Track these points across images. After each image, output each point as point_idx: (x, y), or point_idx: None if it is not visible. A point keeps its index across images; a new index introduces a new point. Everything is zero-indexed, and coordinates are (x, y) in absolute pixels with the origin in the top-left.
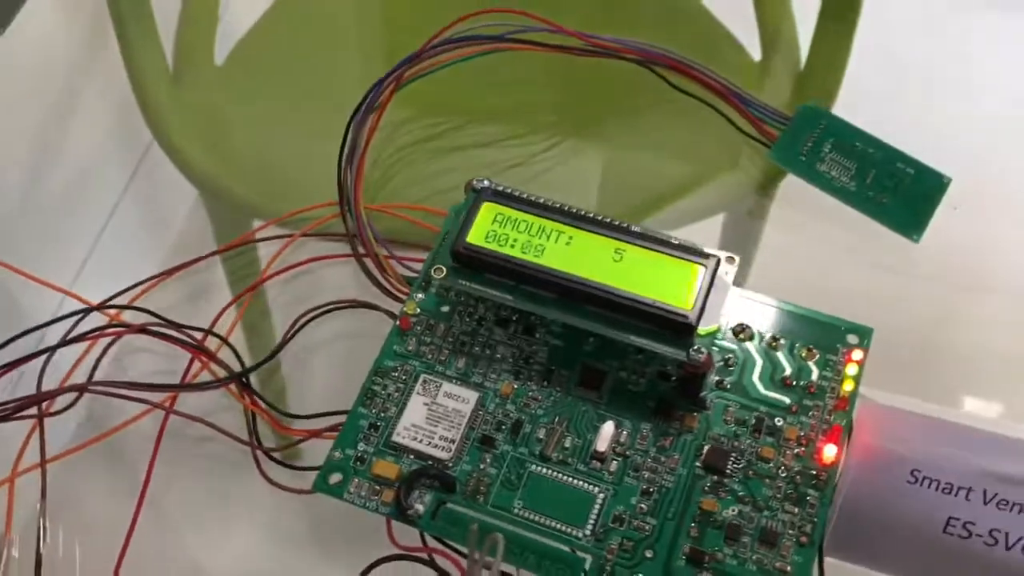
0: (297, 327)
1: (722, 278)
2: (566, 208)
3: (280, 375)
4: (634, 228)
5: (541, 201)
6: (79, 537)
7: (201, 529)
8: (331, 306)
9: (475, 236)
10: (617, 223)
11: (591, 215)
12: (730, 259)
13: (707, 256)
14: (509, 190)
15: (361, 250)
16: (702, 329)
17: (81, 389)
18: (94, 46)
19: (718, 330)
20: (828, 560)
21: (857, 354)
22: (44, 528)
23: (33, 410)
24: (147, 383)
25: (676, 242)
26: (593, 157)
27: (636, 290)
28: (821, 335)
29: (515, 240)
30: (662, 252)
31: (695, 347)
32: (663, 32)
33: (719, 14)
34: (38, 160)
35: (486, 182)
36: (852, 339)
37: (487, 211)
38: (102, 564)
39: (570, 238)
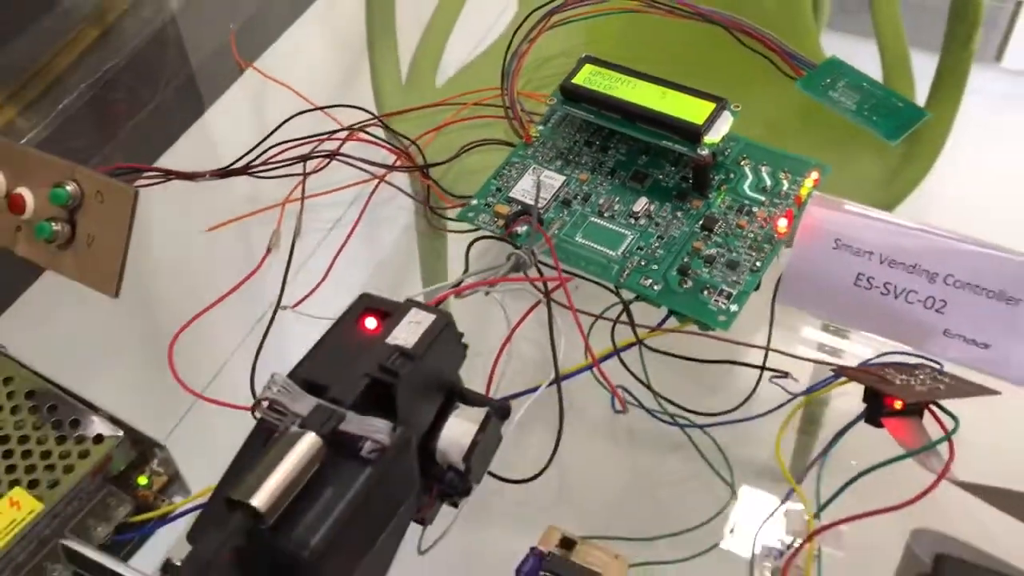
0: (470, 147)
1: (726, 114)
2: (634, 70)
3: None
4: (673, 81)
5: (619, 65)
6: None
7: None
8: (491, 140)
9: (577, 80)
10: (665, 79)
11: (650, 74)
12: (736, 105)
13: (719, 100)
14: (602, 59)
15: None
16: (707, 139)
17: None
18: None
19: (719, 143)
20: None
21: (814, 175)
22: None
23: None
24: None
25: (699, 91)
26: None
27: (670, 112)
28: (795, 165)
29: (600, 84)
30: (689, 94)
31: (702, 148)
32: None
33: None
34: None
35: (590, 55)
36: (815, 171)
37: (586, 69)
38: None
39: (634, 85)
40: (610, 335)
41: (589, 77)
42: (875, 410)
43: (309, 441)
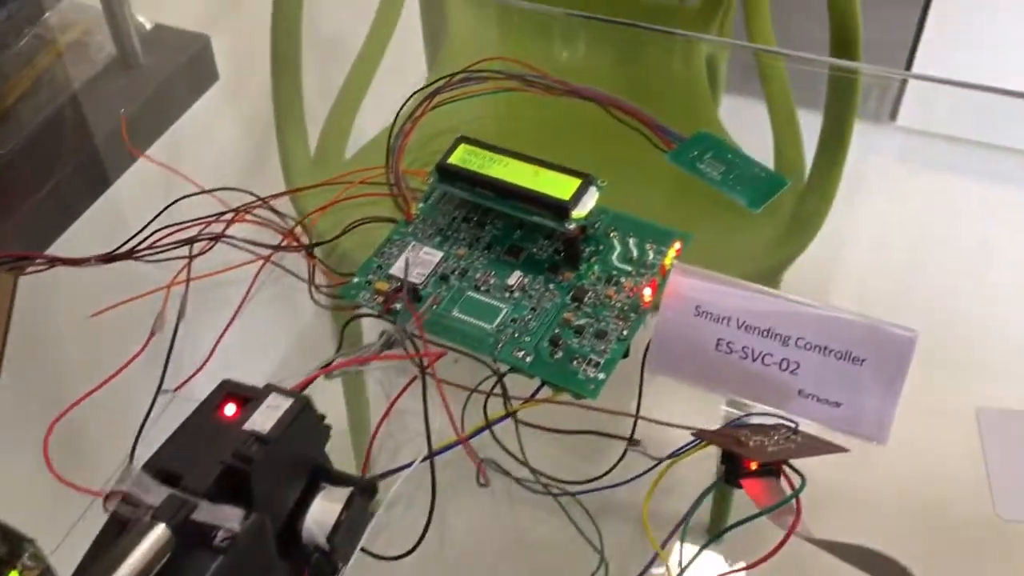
0: (353, 226)
1: (593, 189)
2: (509, 150)
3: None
4: (543, 160)
5: (492, 144)
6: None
7: None
8: (376, 218)
9: (452, 160)
10: (536, 158)
11: (522, 153)
12: (601, 181)
13: (586, 176)
14: (476, 139)
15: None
16: (574, 213)
17: (217, 238)
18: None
19: (587, 216)
20: (659, 380)
21: (677, 245)
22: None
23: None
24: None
25: (568, 168)
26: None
27: (540, 189)
28: (660, 235)
29: (473, 163)
30: (558, 171)
31: (569, 222)
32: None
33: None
34: None
35: (465, 134)
36: (679, 240)
37: (461, 149)
38: None
39: (506, 163)
40: (483, 408)
41: (464, 156)
42: (733, 471)
43: (157, 533)
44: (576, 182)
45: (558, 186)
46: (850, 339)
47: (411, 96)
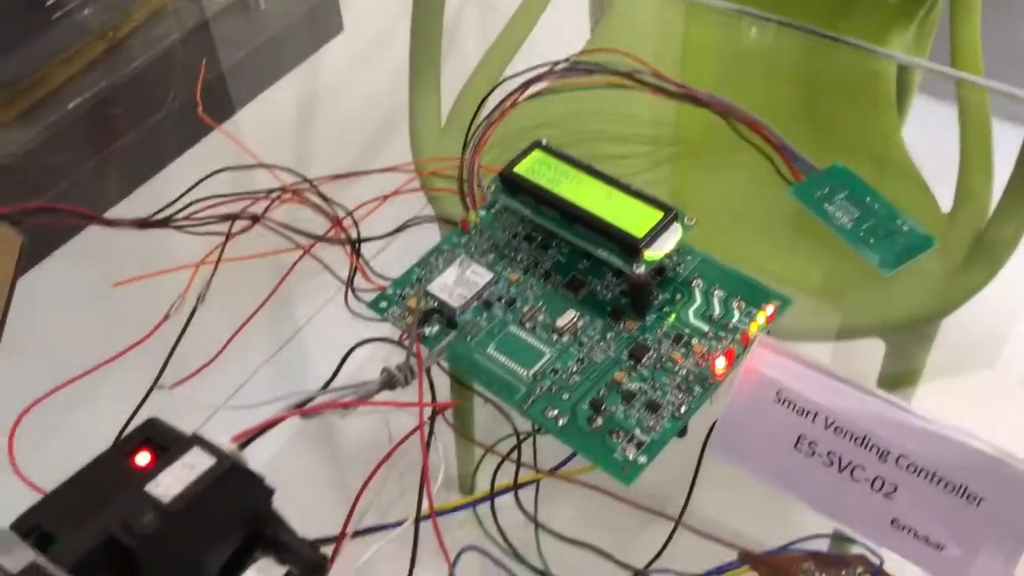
0: (405, 225)
1: (676, 227)
2: (587, 164)
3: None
4: (625, 183)
5: (571, 156)
6: None
7: None
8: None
9: (519, 168)
10: (616, 179)
11: (602, 171)
12: (690, 218)
13: (670, 209)
14: (555, 147)
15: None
16: (647, 254)
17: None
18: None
19: (662, 259)
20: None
21: (769, 310)
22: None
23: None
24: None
25: (651, 196)
26: (668, 187)
27: (610, 219)
28: (752, 293)
29: (543, 175)
30: (638, 199)
31: (639, 264)
32: (858, 160)
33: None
34: None
35: (544, 140)
36: (773, 303)
37: (534, 155)
38: None
39: (580, 181)
40: (492, 477)
41: (533, 166)
42: None
43: None
44: (657, 215)
45: (635, 217)
46: (969, 469)
47: (504, 81)
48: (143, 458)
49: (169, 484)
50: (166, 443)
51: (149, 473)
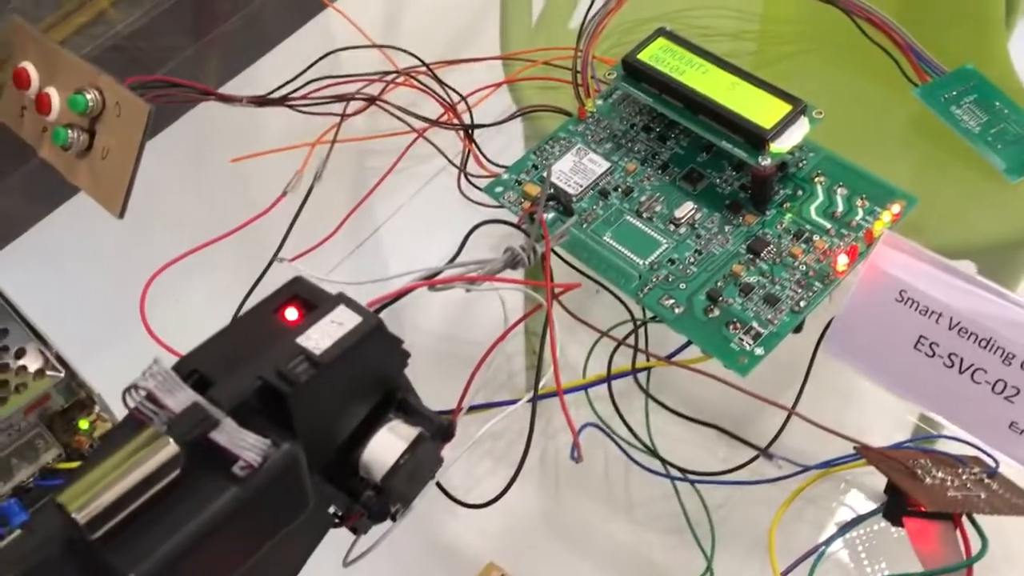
0: (521, 112)
1: (803, 120)
2: (711, 53)
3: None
4: (751, 73)
5: (696, 43)
6: None
7: None
8: (543, 107)
9: (643, 55)
10: (743, 69)
11: (727, 60)
12: (818, 112)
13: (798, 101)
14: (680, 34)
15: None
16: (774, 147)
17: (372, 100)
18: None
19: (788, 152)
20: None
21: (896, 208)
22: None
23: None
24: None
25: (778, 88)
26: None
27: (737, 109)
28: (877, 192)
29: (667, 63)
30: (764, 90)
31: (764, 157)
32: None
33: None
34: None
35: (667, 27)
36: (899, 202)
37: (658, 43)
38: None
39: (705, 70)
40: (608, 360)
41: (657, 54)
42: (896, 506)
43: (165, 451)
44: (785, 108)
45: (762, 109)
46: None
47: None
48: (291, 313)
49: (319, 338)
50: (313, 300)
51: (299, 327)
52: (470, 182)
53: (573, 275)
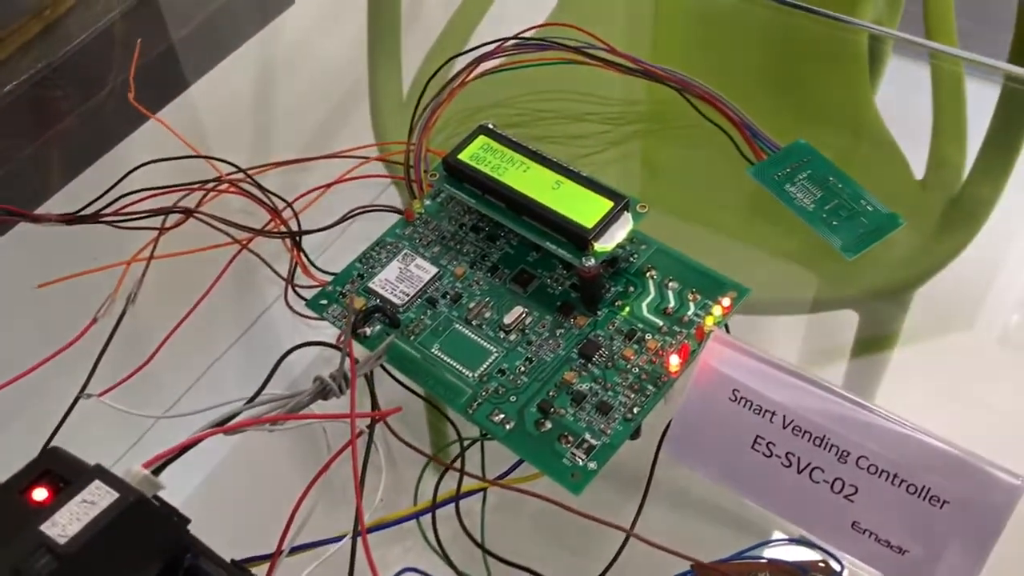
0: (350, 215)
1: (626, 216)
2: (533, 150)
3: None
4: (575, 170)
5: (518, 141)
6: None
7: None
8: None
9: (463, 155)
10: (565, 165)
11: (549, 157)
12: (642, 206)
13: (620, 198)
14: (501, 132)
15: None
16: (597, 247)
17: (189, 212)
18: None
19: (613, 250)
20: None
21: (726, 302)
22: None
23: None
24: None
25: (600, 184)
26: (624, 168)
27: (558, 209)
28: (707, 284)
29: (488, 163)
30: (587, 188)
31: (588, 258)
32: (830, 129)
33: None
34: None
35: (490, 124)
36: (730, 294)
37: (479, 141)
38: None
39: (527, 168)
40: (435, 485)
41: (478, 153)
42: None
43: None
44: (607, 205)
45: (584, 207)
46: (931, 470)
47: (451, 59)
48: (40, 493)
49: (66, 523)
50: (67, 476)
51: (46, 510)
52: (297, 294)
53: (401, 392)
